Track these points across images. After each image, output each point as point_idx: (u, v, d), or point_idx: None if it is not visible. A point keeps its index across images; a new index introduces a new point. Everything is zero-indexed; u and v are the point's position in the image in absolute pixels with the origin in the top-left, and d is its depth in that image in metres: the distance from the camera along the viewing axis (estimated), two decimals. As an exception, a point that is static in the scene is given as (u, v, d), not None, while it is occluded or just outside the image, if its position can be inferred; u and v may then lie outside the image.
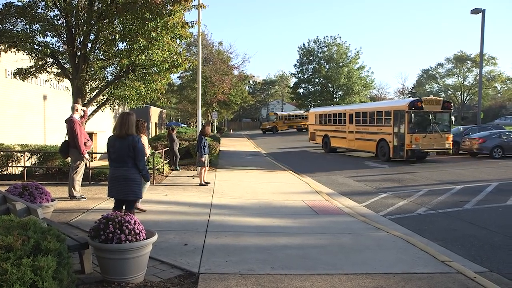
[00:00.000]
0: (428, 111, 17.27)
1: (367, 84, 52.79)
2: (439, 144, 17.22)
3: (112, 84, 11.62)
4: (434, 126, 17.22)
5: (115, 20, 10.47)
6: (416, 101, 17.60)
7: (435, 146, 17.15)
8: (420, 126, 17.21)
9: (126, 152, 5.08)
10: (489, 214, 8.06)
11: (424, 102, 17.33)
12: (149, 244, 3.97)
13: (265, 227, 6.81)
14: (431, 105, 17.44)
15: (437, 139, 17.15)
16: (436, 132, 17.20)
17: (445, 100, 18.50)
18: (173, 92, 47.54)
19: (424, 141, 16.89)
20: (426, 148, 17.01)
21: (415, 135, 16.80)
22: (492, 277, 4.65)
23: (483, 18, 18.61)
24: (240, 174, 14.11)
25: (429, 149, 17.15)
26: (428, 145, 17.04)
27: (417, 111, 17.05)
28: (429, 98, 18.09)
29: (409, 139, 16.78)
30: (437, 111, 17.49)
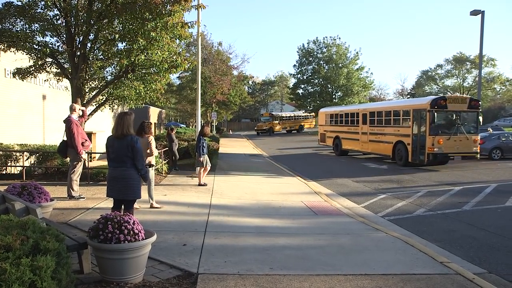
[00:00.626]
0: (452, 110, 15.57)
1: (366, 85, 52.79)
2: (465, 148, 15.50)
3: (111, 84, 11.62)
4: (459, 127, 15.56)
5: (115, 20, 10.47)
6: (439, 99, 15.76)
7: (460, 150, 15.43)
8: (443, 127, 15.63)
9: (125, 152, 5.08)
10: (488, 215, 8.07)
11: (448, 100, 15.61)
12: (148, 244, 3.97)
13: (264, 227, 6.81)
14: (456, 103, 15.73)
15: (462, 141, 15.46)
16: (461, 134, 15.48)
17: (472, 98, 16.64)
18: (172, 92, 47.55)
19: (448, 144, 15.24)
20: (450, 152, 15.31)
21: (437, 137, 15.14)
22: (490, 278, 4.65)
23: (482, 19, 18.64)
24: (240, 176, 14.11)
25: (454, 153, 15.38)
26: (453, 149, 15.35)
27: (440, 110, 15.36)
28: (454, 95, 16.47)
29: (430, 142, 15.09)
30: (462, 110, 15.77)
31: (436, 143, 15.11)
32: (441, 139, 15.17)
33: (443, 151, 15.20)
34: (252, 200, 9.38)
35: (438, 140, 15.13)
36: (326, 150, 25.43)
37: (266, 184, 11.95)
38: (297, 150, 27.23)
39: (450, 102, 15.59)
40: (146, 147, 7.40)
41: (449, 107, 15.52)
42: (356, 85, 50.82)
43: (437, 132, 15.27)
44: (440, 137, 15.21)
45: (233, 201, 9.28)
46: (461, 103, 15.84)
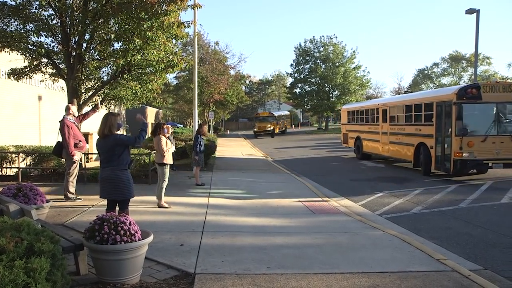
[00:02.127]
0: (489, 101, 11.91)
1: (363, 84, 52.89)
2: (509, 152, 11.80)
3: (107, 84, 11.59)
4: (500, 124, 11.96)
5: (110, 20, 10.44)
6: (469, 87, 12.13)
7: (502, 155, 11.74)
8: (476, 125, 11.95)
9: (111, 152, 5.14)
10: (484, 212, 8.10)
11: (483, 88, 11.93)
12: (144, 244, 3.96)
13: (261, 227, 6.81)
14: (496, 92, 11.98)
15: (505, 144, 11.78)
16: (504, 134, 11.89)
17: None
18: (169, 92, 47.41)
19: (483, 148, 11.69)
20: (486, 158, 11.72)
21: (467, 139, 11.57)
22: (486, 274, 4.67)
23: (477, 18, 18.68)
24: (237, 175, 14.10)
25: (492, 159, 11.76)
26: (490, 153, 11.70)
27: (472, 101, 11.81)
28: (493, 81, 12.63)
29: (457, 144, 11.57)
30: (506, 101, 12.05)
31: (466, 147, 11.55)
32: (472, 141, 11.58)
33: (475, 157, 11.61)
34: (250, 200, 9.37)
35: (468, 142, 11.55)
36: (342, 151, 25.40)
37: (264, 183, 11.94)
38: (302, 150, 27.18)
39: (487, 91, 11.92)
40: (157, 146, 8.05)
41: (485, 97, 11.85)
42: (353, 84, 50.91)
43: (467, 132, 11.61)
44: (471, 139, 11.61)
45: (231, 200, 9.27)
46: (504, 91, 12.00)
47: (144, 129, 5.55)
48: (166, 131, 8.35)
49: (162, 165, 8.13)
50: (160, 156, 8.10)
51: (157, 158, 8.21)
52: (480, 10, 18.78)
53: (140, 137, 5.34)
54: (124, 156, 5.21)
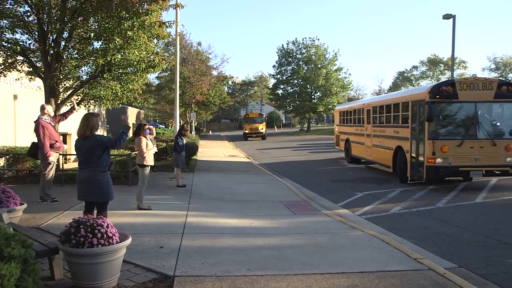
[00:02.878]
0: (467, 100, 10.53)
1: (345, 86, 53.57)
2: (490, 158, 10.38)
3: (86, 83, 11.37)
4: (480, 126, 10.59)
5: (90, 18, 10.25)
6: (443, 84, 10.73)
7: (481, 161, 10.36)
8: (451, 127, 10.81)
9: (90, 153, 5.04)
10: (459, 212, 8.30)
11: (459, 86, 10.50)
12: (122, 247, 3.89)
13: (242, 228, 6.80)
14: (474, 90, 10.54)
15: (485, 149, 10.38)
16: (484, 138, 10.51)
17: (504, 81, 11.49)
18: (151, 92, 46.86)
19: (460, 153, 10.31)
20: (462, 165, 10.33)
21: (441, 143, 10.27)
22: (460, 272, 4.79)
23: (453, 23, 19.18)
24: (219, 176, 14.05)
25: (470, 166, 10.35)
26: (468, 160, 10.35)
27: (447, 101, 10.53)
28: (470, 78, 11.05)
29: (430, 149, 10.30)
30: (486, 101, 10.67)
31: (439, 152, 10.24)
32: (446, 145, 10.27)
33: (450, 163, 10.29)
34: (231, 201, 9.35)
35: (441, 146, 10.26)
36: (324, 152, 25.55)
37: (246, 185, 11.94)
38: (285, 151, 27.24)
39: (464, 89, 10.50)
40: (138, 147, 7.97)
41: (462, 95, 10.46)
42: (334, 85, 51.48)
43: (438, 135, 10.40)
44: (445, 143, 10.30)
45: (212, 202, 9.23)
46: (484, 89, 10.59)
47: (126, 132, 5.47)
48: (148, 132, 8.24)
49: (143, 167, 8.04)
50: (140, 157, 8.00)
51: (138, 159, 8.11)
52: (456, 16, 19.28)
53: (121, 140, 5.26)
54: (104, 157, 5.12)
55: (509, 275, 4.81)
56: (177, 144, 11.11)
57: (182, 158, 11.26)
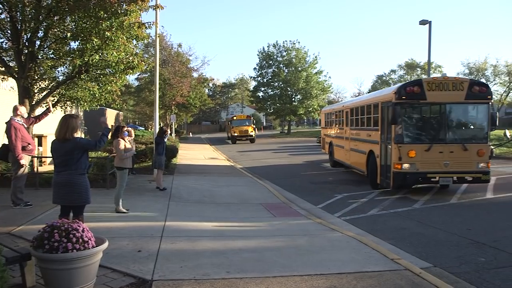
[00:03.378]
0: (436, 101, 9.94)
1: (325, 88, 54.15)
2: (460, 164, 9.75)
3: (63, 84, 11.09)
4: (450, 129, 10.03)
5: (67, 17, 10.01)
6: (409, 85, 10.00)
7: (452, 167, 9.70)
8: (419, 130, 10.17)
9: (69, 155, 4.92)
10: (435, 212, 8.51)
11: (427, 86, 9.75)
12: (98, 252, 3.81)
13: (222, 231, 6.77)
14: (443, 90, 9.78)
15: (456, 154, 9.72)
16: (454, 142, 9.88)
17: (475, 81, 10.74)
18: (130, 94, 46.16)
19: (428, 158, 9.66)
20: (431, 171, 9.68)
21: (408, 147, 9.63)
22: (435, 271, 4.91)
23: (429, 29, 19.72)
24: (199, 179, 13.96)
25: (439, 173, 9.68)
26: (437, 166, 9.70)
27: (414, 102, 9.89)
28: (438, 78, 10.20)
29: (396, 154, 9.66)
30: (456, 102, 9.92)
31: (406, 157, 9.59)
32: (413, 150, 9.61)
33: (417, 169, 9.64)
34: (211, 203, 9.31)
35: (408, 151, 9.60)
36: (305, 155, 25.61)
37: (226, 187, 11.90)
38: (265, 154, 27.27)
39: (432, 89, 9.75)
40: (116, 149, 7.84)
41: (430, 96, 9.75)
42: (315, 88, 51.97)
43: (402, 139, 9.68)
44: (412, 147, 9.64)
45: (192, 204, 9.16)
46: (454, 89, 9.84)
47: (106, 134, 5.38)
48: (126, 134, 8.11)
49: (121, 169, 7.91)
50: (119, 159, 7.87)
51: (116, 162, 7.97)
52: (432, 22, 19.82)
53: (101, 142, 5.16)
54: (83, 160, 5.01)
55: (480, 273, 4.96)
56: (160, 145, 10.96)
57: (162, 159, 11.13)
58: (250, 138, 38.14)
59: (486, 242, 6.24)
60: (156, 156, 11.05)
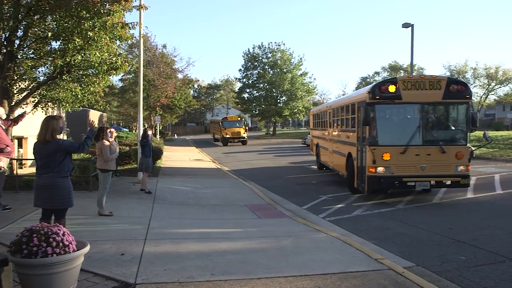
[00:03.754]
0: (412, 101, 9.36)
1: (309, 90, 54.53)
2: (439, 167, 9.28)
3: (44, 85, 10.87)
4: (427, 131, 9.47)
5: (48, 16, 9.81)
6: (383, 83, 9.49)
7: (429, 171, 9.22)
8: (394, 132, 9.63)
9: (51, 158, 4.83)
10: (418, 212, 8.65)
11: (403, 85, 9.27)
12: (79, 256, 3.73)
13: (207, 233, 6.74)
14: (420, 89, 9.30)
15: (433, 157, 9.23)
16: (431, 144, 9.34)
17: (453, 79, 10.08)
18: (114, 95, 45.58)
19: (404, 161, 9.17)
20: (407, 175, 9.18)
21: (382, 150, 9.12)
22: (417, 270, 4.98)
23: (412, 31, 20.06)
24: (183, 181, 13.86)
25: (415, 177, 9.19)
26: (413, 169, 9.21)
27: (388, 102, 9.31)
28: (414, 76, 9.86)
29: (370, 157, 9.17)
30: (433, 102, 9.43)
31: (380, 160, 9.09)
32: (388, 153, 9.11)
33: (392, 173, 9.14)
34: (196, 205, 9.25)
35: (382, 154, 9.11)
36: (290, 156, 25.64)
37: (211, 189, 11.84)
38: (250, 155, 27.20)
39: (408, 88, 9.26)
40: (99, 152, 7.73)
41: (406, 96, 9.24)
42: (300, 90, 52.29)
43: (374, 141, 9.20)
44: (387, 149, 9.13)
45: (176, 206, 9.09)
46: (431, 88, 9.33)
47: (90, 137, 5.29)
48: (109, 135, 8.00)
49: (105, 171, 7.80)
50: (102, 161, 7.75)
51: (99, 164, 7.85)
52: (414, 25, 20.16)
53: (85, 145, 5.08)
54: (66, 162, 4.92)
55: (461, 271, 5.06)
56: (145, 147, 10.83)
57: (149, 162, 11.00)
58: (242, 140, 37.07)
59: (467, 241, 6.37)
60: (142, 158, 10.92)
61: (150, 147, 10.88)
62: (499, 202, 9.57)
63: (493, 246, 6.04)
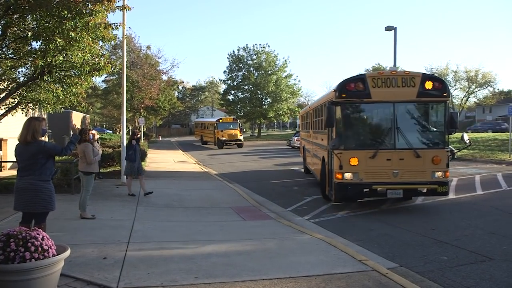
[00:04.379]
0: (382, 100, 8.45)
1: (294, 92, 54.85)
2: (414, 173, 8.35)
3: (24, 86, 10.62)
4: (400, 133, 8.43)
5: (27, 16, 9.60)
6: (350, 81, 8.49)
7: (402, 178, 8.30)
8: (363, 134, 8.85)
9: (33, 160, 4.72)
10: (401, 213, 8.76)
11: (372, 82, 8.36)
12: (59, 260, 3.64)
13: (191, 235, 6.68)
14: (391, 87, 8.39)
15: (407, 161, 8.30)
16: (405, 148, 8.38)
17: (427, 75, 8.91)
18: (97, 96, 44.95)
19: (374, 166, 8.31)
20: (377, 182, 8.31)
21: (349, 154, 8.29)
22: (401, 271, 5.04)
23: (395, 34, 20.41)
24: (168, 183, 13.73)
25: (386, 184, 8.31)
26: (384, 175, 8.33)
27: (356, 101, 8.47)
28: (385, 72, 8.74)
29: (337, 162, 8.35)
30: (407, 100, 8.53)
31: (347, 165, 8.26)
32: (355, 157, 8.27)
33: (361, 180, 8.29)
34: (180, 208, 9.16)
35: (349, 158, 8.26)
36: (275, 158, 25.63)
37: (196, 191, 11.76)
38: (235, 157, 27.16)
39: (378, 86, 8.36)
40: (82, 154, 7.58)
41: (376, 94, 8.36)
42: (284, 91, 52.55)
43: (338, 144, 8.40)
44: (354, 153, 8.30)
45: (160, 209, 8.99)
46: (404, 86, 8.40)
47: (74, 142, 5.22)
48: (91, 137, 7.85)
49: (88, 174, 7.66)
50: (85, 164, 7.61)
51: (82, 166, 7.69)
52: (397, 28, 20.49)
53: (68, 150, 4.99)
54: (48, 165, 4.81)
55: (443, 271, 5.14)
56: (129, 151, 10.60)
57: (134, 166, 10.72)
58: (239, 142, 35.00)
59: (449, 241, 6.48)
60: (128, 162, 10.70)
61: (135, 151, 10.59)
62: (479, 202, 9.77)
63: (473, 246, 6.17)
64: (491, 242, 6.44)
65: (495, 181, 12.96)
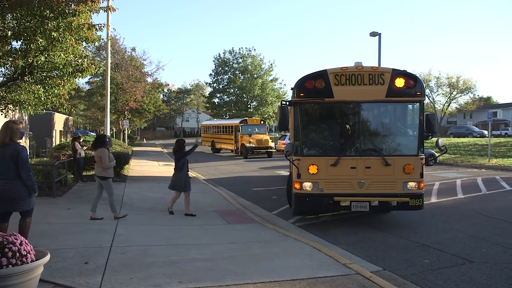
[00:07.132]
0: (346, 99, 7.55)
1: (280, 96, 54.93)
2: (382, 183, 7.35)
3: (3, 86, 10.37)
4: (365, 137, 7.51)
5: (7, 15, 9.38)
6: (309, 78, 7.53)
7: (368, 188, 7.32)
8: (324, 138, 8.02)
9: (8, 162, 4.72)
10: (384, 216, 8.85)
11: (334, 79, 7.40)
12: (38, 266, 3.55)
13: (175, 239, 6.60)
14: (357, 85, 7.40)
15: (375, 170, 7.32)
16: (372, 155, 7.43)
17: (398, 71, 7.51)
18: (80, 98, 44.24)
19: (336, 175, 7.35)
20: (339, 193, 7.34)
21: (307, 160, 7.38)
22: (384, 274, 5.08)
23: (379, 40, 20.70)
24: (151, 186, 13.57)
25: (350, 195, 7.34)
26: (348, 185, 7.36)
27: (315, 100, 7.55)
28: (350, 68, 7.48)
29: (295, 170, 7.48)
30: (376, 100, 7.51)
31: (306, 173, 7.36)
32: (315, 164, 7.33)
33: (321, 190, 7.34)
34: (164, 211, 9.06)
35: (308, 166, 7.34)
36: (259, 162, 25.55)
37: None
38: (221, 160, 26.89)
39: (341, 83, 7.42)
40: (98, 159, 7.79)
41: (338, 93, 7.41)
42: (270, 95, 52.61)
43: (291, 149, 7.57)
44: (313, 160, 7.39)
45: (143, 212, 8.87)
46: (371, 83, 7.39)
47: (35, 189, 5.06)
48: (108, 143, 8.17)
49: (104, 179, 7.83)
50: (101, 169, 7.77)
51: (98, 171, 7.86)
52: (381, 34, 20.80)
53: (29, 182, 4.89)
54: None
55: (425, 274, 5.22)
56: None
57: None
58: (269, 151, 27.18)
59: (430, 244, 6.58)
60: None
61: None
62: (460, 206, 9.96)
63: (454, 249, 6.28)
64: (471, 245, 6.57)
65: (475, 185, 13.26)
